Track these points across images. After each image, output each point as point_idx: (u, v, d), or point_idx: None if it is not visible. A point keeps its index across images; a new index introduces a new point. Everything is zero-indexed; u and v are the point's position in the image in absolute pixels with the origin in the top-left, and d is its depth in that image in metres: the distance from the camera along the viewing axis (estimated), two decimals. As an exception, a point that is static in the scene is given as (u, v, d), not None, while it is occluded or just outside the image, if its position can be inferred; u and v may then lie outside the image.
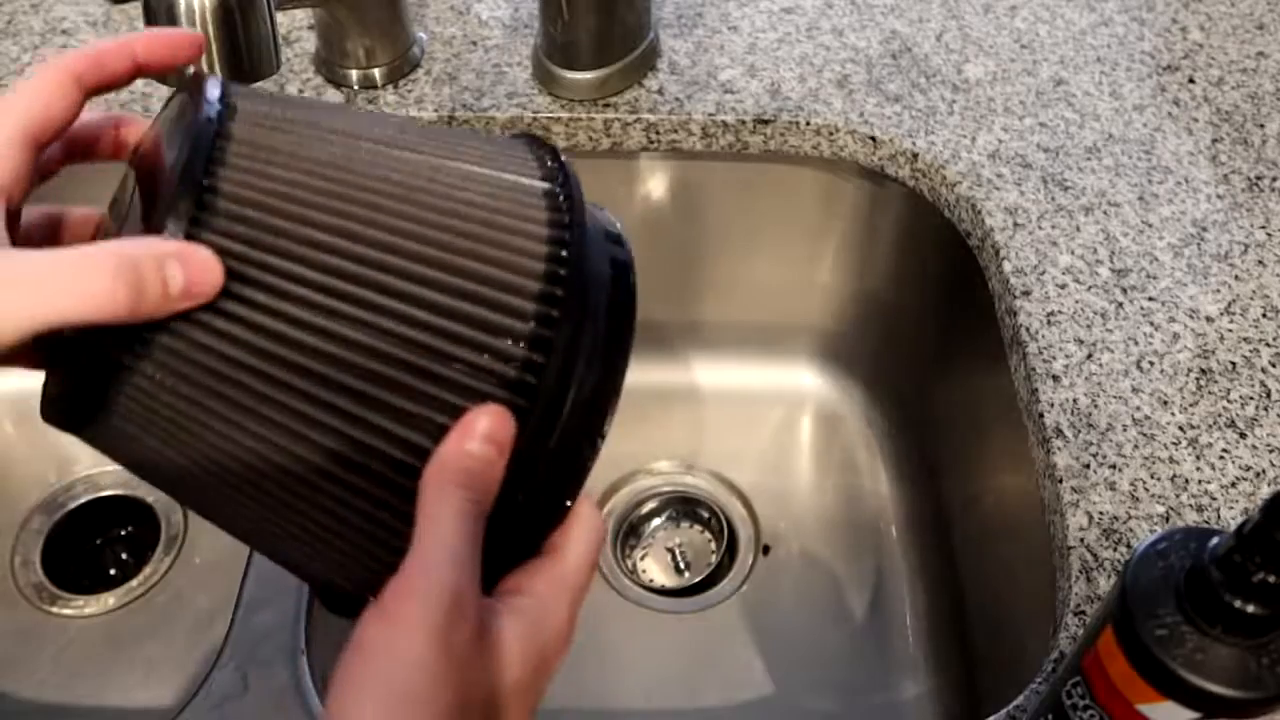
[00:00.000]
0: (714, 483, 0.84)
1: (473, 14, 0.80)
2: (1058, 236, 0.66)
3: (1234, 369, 0.60)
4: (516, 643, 0.29)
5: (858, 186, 0.77)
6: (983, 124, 0.73)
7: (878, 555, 0.80)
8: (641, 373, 0.88)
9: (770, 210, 0.80)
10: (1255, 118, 0.74)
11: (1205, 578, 0.36)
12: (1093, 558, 0.53)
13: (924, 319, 0.80)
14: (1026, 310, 0.62)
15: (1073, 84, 0.76)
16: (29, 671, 0.72)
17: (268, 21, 0.57)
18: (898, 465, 0.84)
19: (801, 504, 0.83)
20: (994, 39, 0.79)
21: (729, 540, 0.81)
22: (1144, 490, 0.55)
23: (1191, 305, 0.63)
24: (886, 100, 0.74)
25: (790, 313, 0.86)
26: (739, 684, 0.75)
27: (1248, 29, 0.80)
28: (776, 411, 0.88)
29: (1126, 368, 0.60)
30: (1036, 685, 0.50)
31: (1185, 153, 0.71)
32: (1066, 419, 0.58)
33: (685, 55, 0.77)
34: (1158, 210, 0.68)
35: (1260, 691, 0.36)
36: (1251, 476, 0.56)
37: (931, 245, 0.74)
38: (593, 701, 0.74)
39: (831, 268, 0.84)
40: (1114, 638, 0.39)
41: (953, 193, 0.70)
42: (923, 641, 0.76)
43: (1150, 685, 0.38)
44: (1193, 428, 0.57)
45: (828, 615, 0.78)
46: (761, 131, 0.74)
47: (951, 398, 0.78)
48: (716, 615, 0.78)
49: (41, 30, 0.79)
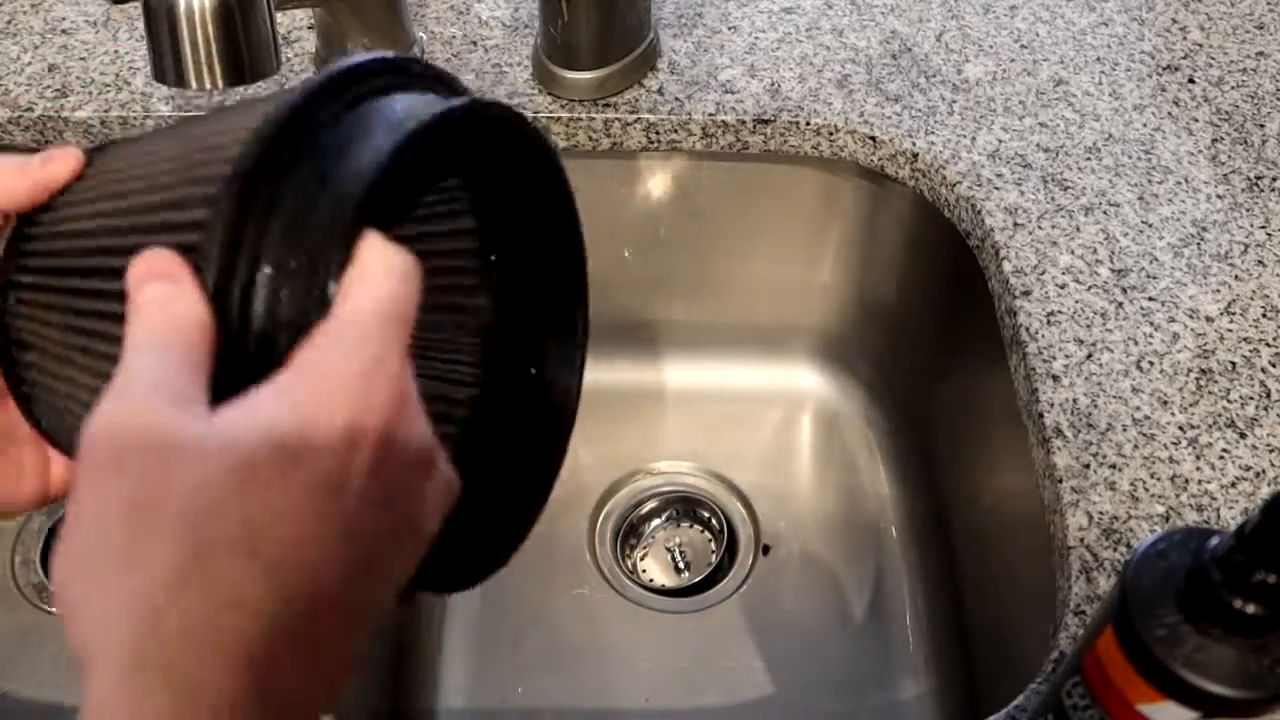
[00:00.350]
0: (714, 483, 0.84)
1: (473, 14, 0.80)
2: (1058, 236, 0.66)
3: (1234, 369, 0.60)
4: (252, 409, 0.26)
5: (858, 186, 0.77)
6: (983, 124, 0.73)
7: (878, 555, 0.80)
8: (641, 372, 0.89)
9: (770, 210, 0.80)
10: (1255, 118, 0.74)
11: (1205, 578, 0.36)
12: (1093, 558, 0.53)
13: (924, 319, 0.80)
14: (1026, 310, 0.62)
15: (1073, 84, 0.76)
16: (29, 671, 0.72)
17: (268, 21, 0.57)
18: (898, 465, 0.84)
19: (801, 504, 0.83)
20: (994, 39, 0.79)
21: (729, 540, 0.81)
22: (1144, 490, 0.55)
23: (1191, 305, 0.63)
24: (886, 100, 0.74)
25: (790, 313, 0.86)
26: (739, 684, 0.75)
27: (1248, 29, 0.80)
28: (776, 411, 0.88)
29: (1126, 368, 0.60)
30: (1036, 685, 0.50)
31: (1185, 153, 0.71)
32: (1066, 419, 0.58)
33: (685, 55, 0.77)
34: (1158, 210, 0.68)
35: (1260, 691, 0.36)
36: (1251, 476, 0.56)
37: (931, 245, 0.74)
38: (593, 701, 0.74)
39: (831, 268, 0.84)
40: (1114, 638, 0.39)
41: (953, 193, 0.70)
42: (923, 641, 0.76)
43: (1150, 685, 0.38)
44: (1193, 428, 0.57)
45: (828, 615, 0.78)
46: (761, 131, 0.74)
47: (951, 398, 0.78)
48: (716, 615, 0.78)
49: (41, 30, 0.79)
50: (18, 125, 0.73)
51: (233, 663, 0.24)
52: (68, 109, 0.73)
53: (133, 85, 0.74)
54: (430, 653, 0.76)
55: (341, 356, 0.26)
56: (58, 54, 0.77)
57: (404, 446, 0.27)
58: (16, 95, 0.74)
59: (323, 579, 0.25)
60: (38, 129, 0.73)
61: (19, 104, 0.73)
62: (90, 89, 0.74)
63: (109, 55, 0.77)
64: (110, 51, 0.77)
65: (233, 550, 0.24)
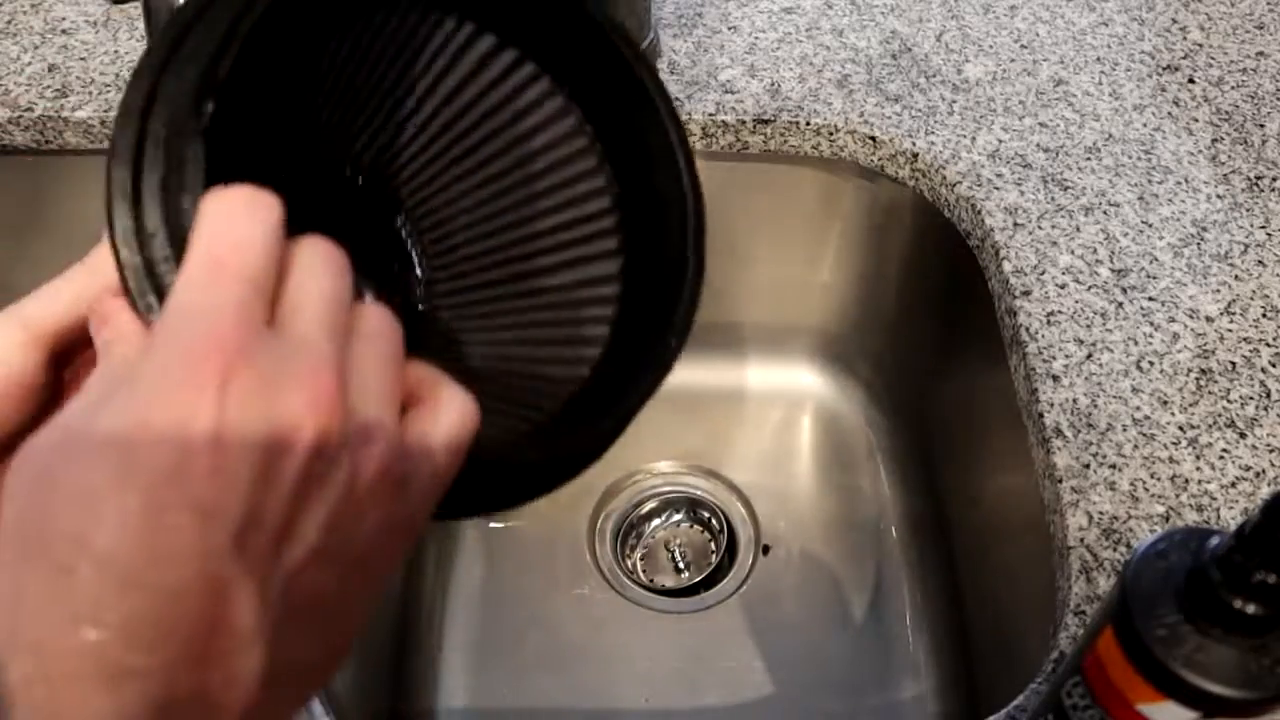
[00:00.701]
0: (714, 483, 0.84)
1: (473, 14, 0.80)
2: (1058, 236, 0.66)
3: (1234, 369, 0.60)
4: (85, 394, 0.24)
5: (858, 186, 0.77)
6: (983, 124, 0.73)
7: (878, 555, 0.80)
8: (641, 373, 0.88)
9: (770, 210, 0.80)
10: (1255, 118, 0.74)
11: (1205, 578, 0.36)
12: (1093, 558, 0.53)
13: (924, 319, 0.80)
14: (1026, 310, 0.62)
15: (1073, 84, 0.76)
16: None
17: (268, 21, 0.57)
18: (898, 465, 0.84)
19: (801, 504, 0.83)
20: (994, 39, 0.79)
21: (729, 540, 0.81)
22: (1144, 490, 0.55)
23: (1191, 305, 0.63)
24: (886, 100, 0.74)
25: (790, 313, 0.86)
26: (739, 684, 0.75)
27: (1248, 29, 0.80)
28: (776, 411, 0.88)
29: (1126, 368, 0.60)
30: (1036, 685, 0.50)
31: (1185, 153, 0.71)
32: (1066, 419, 0.58)
33: (685, 55, 0.77)
34: (1158, 210, 0.68)
35: (1260, 691, 0.36)
36: (1251, 476, 0.56)
37: (931, 245, 0.74)
38: (593, 701, 0.74)
39: (831, 268, 0.84)
40: (1114, 638, 0.39)
41: (953, 193, 0.70)
42: (923, 641, 0.76)
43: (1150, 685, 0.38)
44: (1193, 428, 0.57)
45: (828, 615, 0.78)
46: (761, 131, 0.74)
47: (951, 398, 0.78)
48: (716, 615, 0.78)
49: (41, 30, 0.79)
50: (18, 125, 0.73)
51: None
52: (68, 109, 0.73)
53: (133, 85, 0.74)
54: (430, 653, 0.76)
55: (175, 332, 0.23)
56: (58, 54, 0.77)
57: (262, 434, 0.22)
58: (16, 95, 0.74)
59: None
60: (38, 129, 0.73)
61: (19, 104, 0.73)
62: (90, 89, 0.74)
63: (109, 55, 0.77)
64: (110, 51, 0.77)
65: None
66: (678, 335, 0.34)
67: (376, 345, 0.25)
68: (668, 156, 0.35)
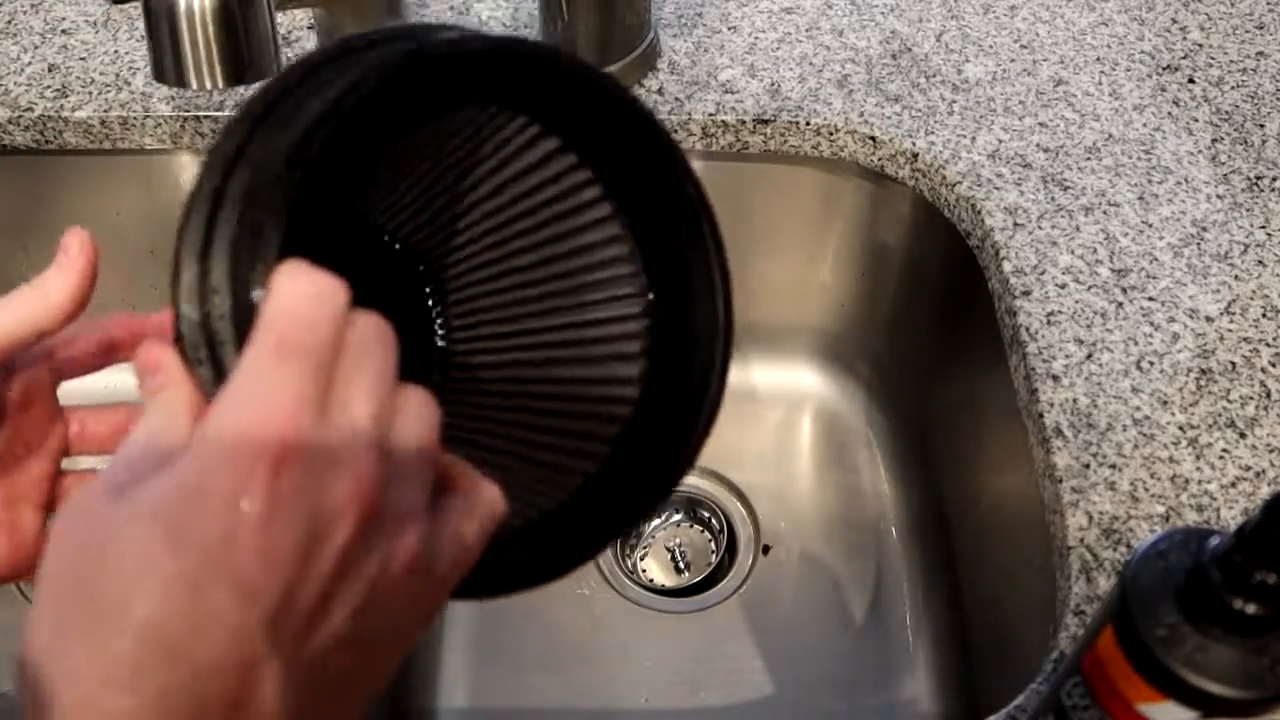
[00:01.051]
0: (714, 483, 0.84)
1: (473, 14, 0.80)
2: (1058, 236, 0.66)
3: (1234, 369, 0.60)
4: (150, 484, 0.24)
5: (858, 186, 0.77)
6: (983, 124, 0.73)
7: (878, 555, 0.80)
8: (641, 373, 0.88)
9: (770, 210, 0.80)
10: (1255, 118, 0.74)
11: (1205, 578, 0.36)
12: (1093, 558, 0.53)
13: (924, 319, 0.80)
14: (1026, 310, 0.62)
15: (1073, 84, 0.76)
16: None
17: (268, 21, 0.57)
18: (898, 465, 0.84)
19: (801, 504, 0.83)
20: (994, 39, 0.79)
21: (729, 540, 0.81)
22: (1144, 490, 0.55)
23: (1191, 305, 0.63)
24: (886, 100, 0.74)
25: (790, 313, 0.86)
26: (739, 684, 0.75)
27: (1248, 29, 0.80)
28: (776, 411, 0.88)
29: (1126, 368, 0.60)
30: (1036, 685, 0.50)
31: (1185, 153, 0.71)
32: (1066, 419, 0.58)
33: (685, 55, 0.77)
34: (1158, 210, 0.68)
35: (1260, 691, 0.36)
36: (1251, 476, 0.56)
37: (931, 245, 0.74)
38: (593, 701, 0.74)
39: (831, 268, 0.84)
40: (1114, 638, 0.39)
41: (953, 193, 0.70)
42: (923, 641, 0.76)
43: (1150, 685, 0.38)
44: (1193, 428, 0.57)
45: (828, 615, 0.78)
46: (761, 131, 0.74)
47: (951, 398, 0.78)
48: (716, 615, 0.78)
49: (41, 30, 0.79)
50: (18, 125, 0.73)
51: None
52: (68, 109, 0.73)
53: (133, 85, 0.74)
54: (430, 653, 0.76)
55: (236, 409, 0.23)
56: (58, 54, 0.77)
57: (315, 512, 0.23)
58: (16, 95, 0.74)
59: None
60: (38, 129, 0.73)
61: (19, 104, 0.73)
62: (90, 89, 0.74)
63: (109, 55, 0.77)
64: (110, 51, 0.77)
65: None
66: (679, 471, 0.35)
67: (416, 429, 0.26)
68: (707, 288, 0.35)
